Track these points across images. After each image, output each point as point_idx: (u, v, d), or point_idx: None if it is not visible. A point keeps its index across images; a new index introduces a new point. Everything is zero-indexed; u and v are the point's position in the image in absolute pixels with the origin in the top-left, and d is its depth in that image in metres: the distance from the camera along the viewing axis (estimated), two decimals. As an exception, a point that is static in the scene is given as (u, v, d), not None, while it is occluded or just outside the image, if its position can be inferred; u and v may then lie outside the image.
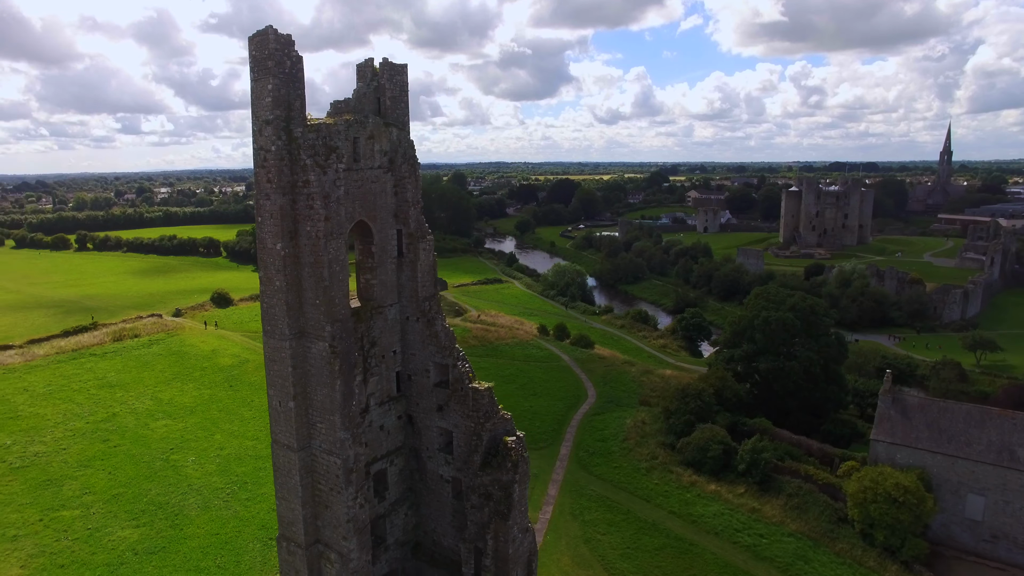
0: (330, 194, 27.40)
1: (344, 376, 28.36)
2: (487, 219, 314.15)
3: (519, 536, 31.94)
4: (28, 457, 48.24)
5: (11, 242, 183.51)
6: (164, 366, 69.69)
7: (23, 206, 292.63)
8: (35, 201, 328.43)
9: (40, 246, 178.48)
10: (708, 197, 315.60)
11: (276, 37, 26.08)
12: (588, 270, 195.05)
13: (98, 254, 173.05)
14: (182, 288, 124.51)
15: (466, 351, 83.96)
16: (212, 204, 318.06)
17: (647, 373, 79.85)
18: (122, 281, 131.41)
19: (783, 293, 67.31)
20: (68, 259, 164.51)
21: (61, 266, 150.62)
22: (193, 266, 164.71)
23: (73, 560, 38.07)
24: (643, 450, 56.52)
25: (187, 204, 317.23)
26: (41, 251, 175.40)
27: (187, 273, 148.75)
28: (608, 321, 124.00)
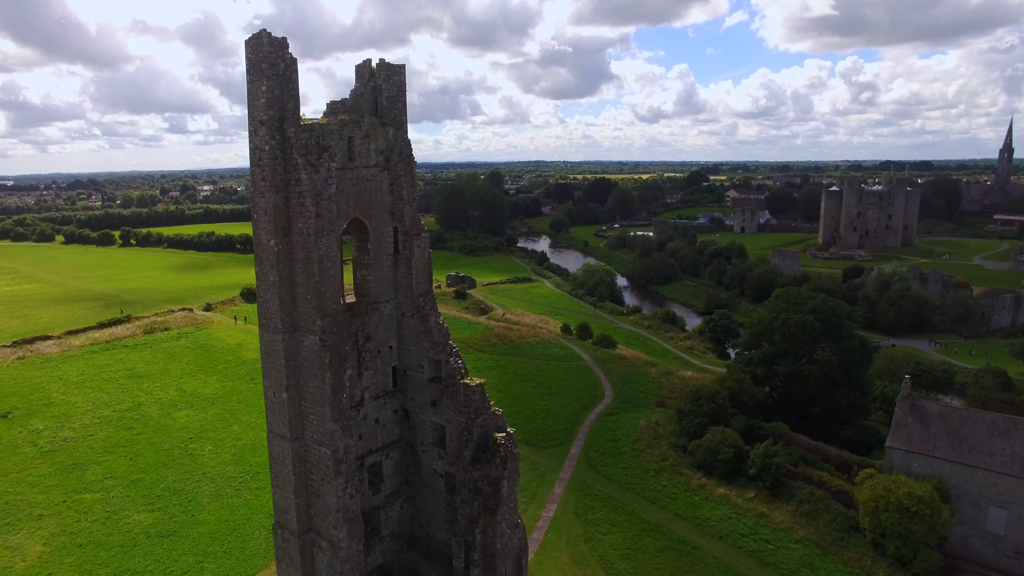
0: (322, 192, 28.39)
1: (334, 369, 29.35)
2: (522, 218, 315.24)
3: (508, 532, 32.43)
4: (57, 442, 50.97)
5: (61, 237, 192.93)
6: (190, 358, 72.51)
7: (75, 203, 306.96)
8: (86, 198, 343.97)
9: (87, 242, 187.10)
10: (747, 197, 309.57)
11: (270, 40, 27.18)
12: (620, 270, 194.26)
13: (140, 250, 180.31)
14: (217, 283, 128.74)
15: (487, 349, 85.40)
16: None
17: (667, 374, 79.30)
18: (160, 276, 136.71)
19: (804, 295, 66.02)
20: (112, 254, 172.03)
21: (104, 261, 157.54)
22: (229, 262, 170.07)
23: (90, 540, 40.23)
24: (654, 451, 56.31)
25: (228, 201, 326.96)
26: (88, 246, 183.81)
27: (223, 269, 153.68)
28: (635, 322, 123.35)
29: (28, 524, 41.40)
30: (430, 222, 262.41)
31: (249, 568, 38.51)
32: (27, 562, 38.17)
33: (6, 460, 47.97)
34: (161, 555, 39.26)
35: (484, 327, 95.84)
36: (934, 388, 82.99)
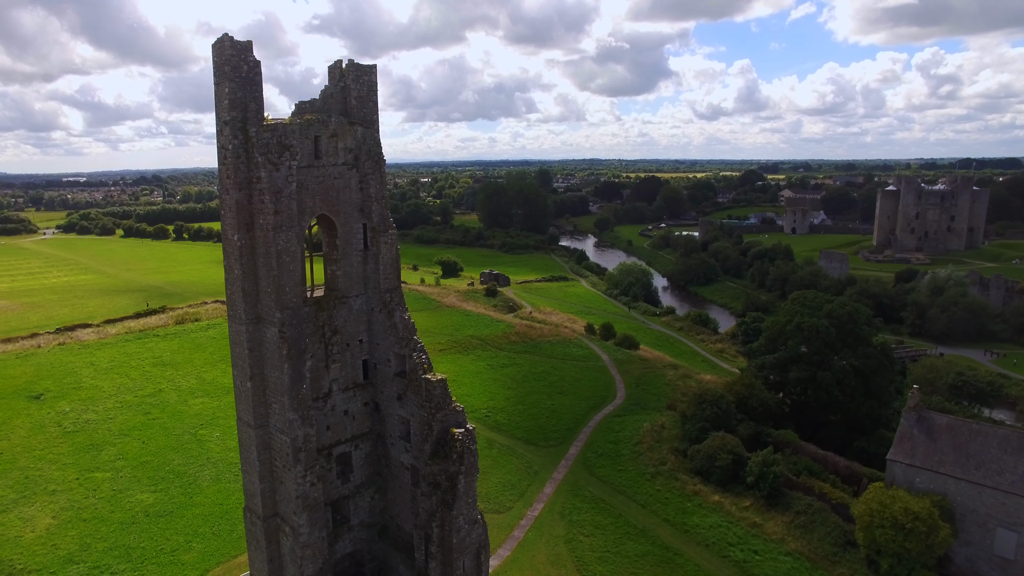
0: (282, 190, 29.64)
1: (292, 361, 30.61)
2: (568, 216, 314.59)
3: (465, 527, 33.02)
4: (80, 423, 54.60)
5: (120, 231, 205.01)
6: (214, 348, 76.08)
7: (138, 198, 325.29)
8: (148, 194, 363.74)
9: (143, 235, 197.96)
10: (802, 197, 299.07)
11: (232, 44, 28.58)
12: (662, 270, 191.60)
13: (191, 243, 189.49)
14: None
15: (505, 347, 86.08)
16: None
17: (686, 377, 78.07)
18: (205, 269, 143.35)
19: (821, 299, 63.81)
20: (164, 248, 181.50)
21: (157, 254, 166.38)
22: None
23: (95, 516, 43.10)
24: (654, 455, 55.73)
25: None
26: (144, 240, 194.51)
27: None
28: (667, 323, 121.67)
29: (42, 498, 44.65)
30: (473, 220, 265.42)
31: (233, 550, 40.43)
32: (35, 533, 41.25)
33: (32, 438, 51.76)
34: (155, 533, 41.69)
35: (506, 325, 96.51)
36: (978, 400, 78.75)
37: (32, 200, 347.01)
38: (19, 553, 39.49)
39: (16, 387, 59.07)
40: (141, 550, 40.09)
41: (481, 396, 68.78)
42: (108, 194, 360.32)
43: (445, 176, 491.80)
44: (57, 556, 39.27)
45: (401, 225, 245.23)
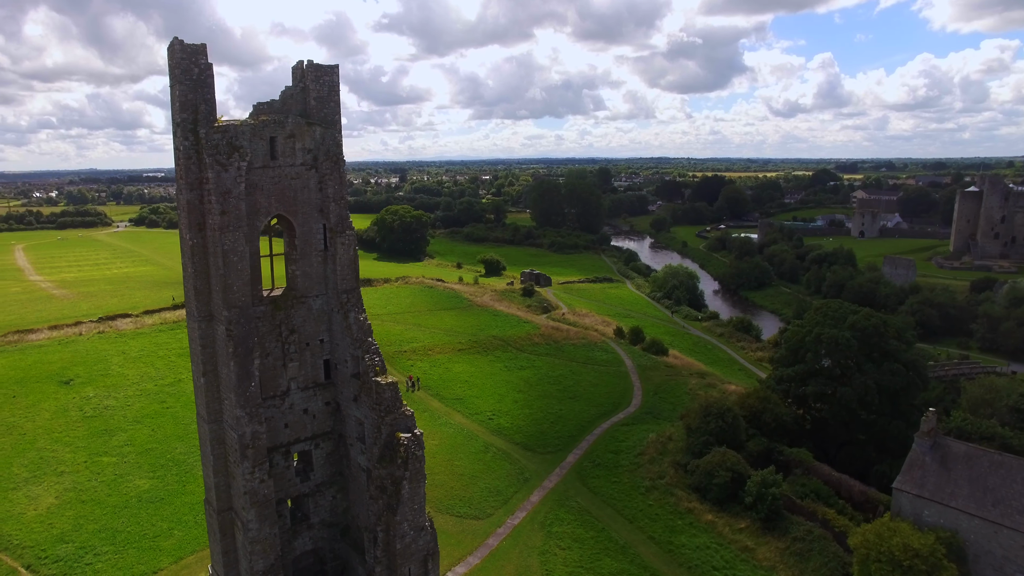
0: (230, 190, 30.21)
1: (239, 359, 31.17)
2: (625, 216, 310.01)
3: (410, 533, 32.79)
4: (100, 409, 57.83)
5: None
6: (240, 340, 79.01)
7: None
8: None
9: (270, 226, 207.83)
10: (875, 198, 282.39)
11: (182, 48, 29.33)
12: (714, 273, 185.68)
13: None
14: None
15: (526, 348, 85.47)
16: (365, 194, 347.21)
17: (710, 387, 75.12)
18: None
19: (845, 309, 59.84)
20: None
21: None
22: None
23: (93, 498, 45.53)
24: (653, 468, 53.86)
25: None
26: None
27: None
28: (708, 328, 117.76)
29: (51, 478, 47.55)
30: (525, 218, 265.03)
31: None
32: (37, 511, 43.98)
33: (54, 421, 55.23)
34: (143, 518, 43.61)
35: (532, 326, 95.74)
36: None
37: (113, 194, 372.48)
38: (18, 529, 42.18)
39: (51, 372, 63.18)
40: (127, 533, 42.03)
41: (489, 398, 68.44)
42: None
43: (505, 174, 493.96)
44: (51, 535, 41.69)
45: (453, 223, 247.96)
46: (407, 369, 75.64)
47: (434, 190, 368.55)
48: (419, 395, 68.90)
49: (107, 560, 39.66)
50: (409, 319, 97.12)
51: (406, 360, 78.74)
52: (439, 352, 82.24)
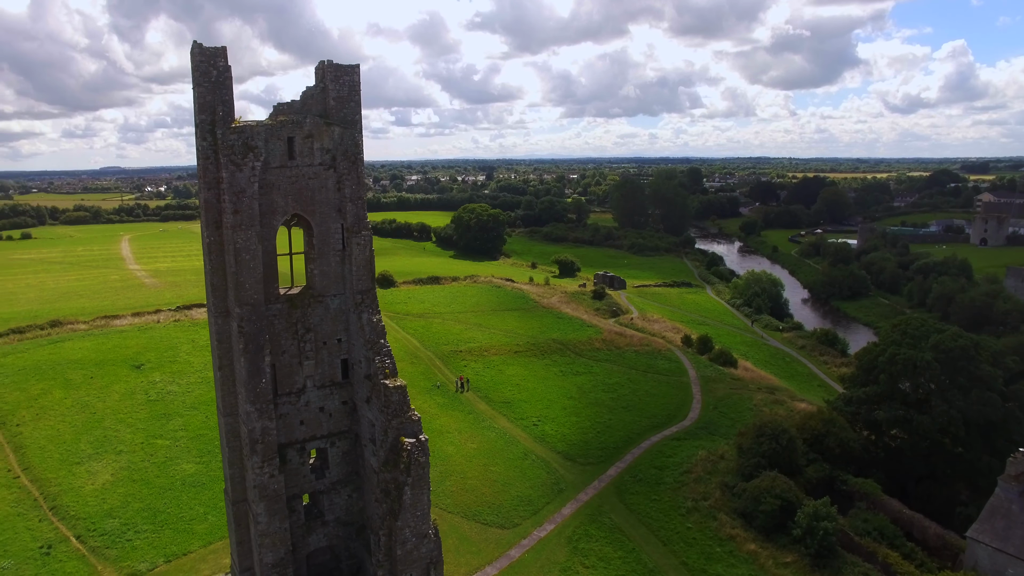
0: (244, 190, 30.95)
1: (249, 355, 31.88)
2: (714, 218, 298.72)
3: (412, 540, 32.40)
4: (163, 393, 61.70)
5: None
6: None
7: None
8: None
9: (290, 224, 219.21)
10: (1007, 201, 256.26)
11: (201, 51, 30.32)
12: (805, 280, 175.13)
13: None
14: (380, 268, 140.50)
15: (585, 353, 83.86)
16: (451, 192, 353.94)
17: (777, 403, 70.50)
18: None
19: (929, 326, 54.06)
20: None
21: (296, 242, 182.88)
22: (402, 249, 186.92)
23: (142, 478, 48.52)
24: (699, 487, 50.93)
25: (431, 191, 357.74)
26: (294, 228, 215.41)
27: (393, 256, 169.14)
28: (789, 339, 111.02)
29: (110, 456, 51.15)
30: (608, 219, 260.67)
31: (242, 527, 43.23)
32: (94, 486, 47.40)
33: (121, 402, 59.45)
34: (183, 501, 45.96)
35: (595, 330, 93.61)
36: None
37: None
38: (76, 501, 45.59)
39: (126, 356, 68.16)
40: (166, 514, 44.43)
41: (537, 403, 67.33)
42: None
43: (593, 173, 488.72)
44: (101, 509, 44.76)
45: (533, 222, 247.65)
46: (460, 369, 75.85)
47: (519, 188, 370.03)
48: (467, 396, 68.86)
49: (145, 538, 42.05)
50: (471, 319, 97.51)
51: (460, 360, 78.98)
52: (495, 353, 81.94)
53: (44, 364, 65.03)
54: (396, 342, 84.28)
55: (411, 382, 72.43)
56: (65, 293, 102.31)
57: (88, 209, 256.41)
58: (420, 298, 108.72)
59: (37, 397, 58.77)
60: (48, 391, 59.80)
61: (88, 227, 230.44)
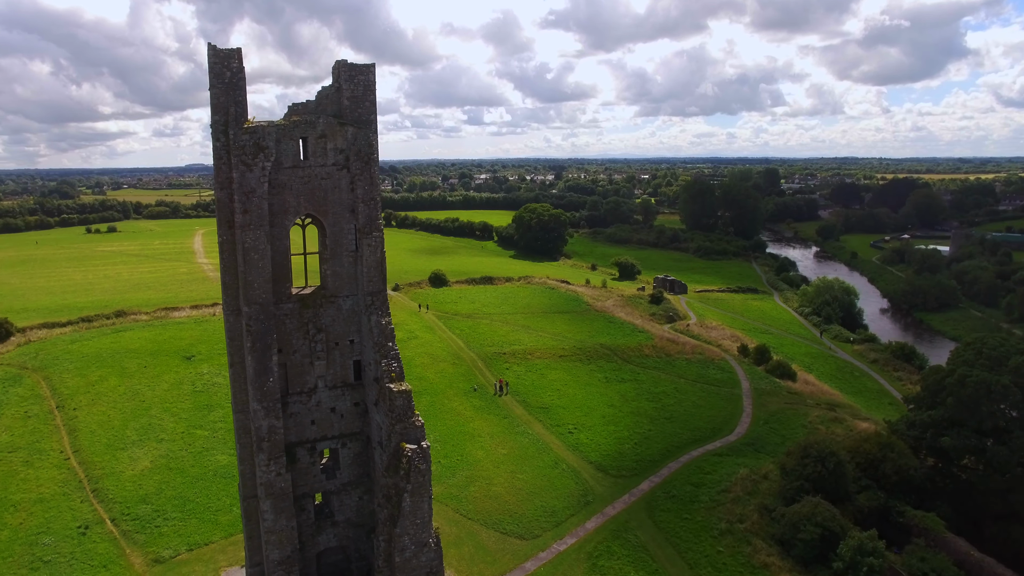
0: (254, 190, 31.39)
1: (256, 354, 32.31)
2: (790, 221, 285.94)
3: (411, 547, 32.02)
4: (208, 385, 64.21)
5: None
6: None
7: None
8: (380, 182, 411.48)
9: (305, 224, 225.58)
10: None
11: (215, 52, 30.92)
12: (886, 289, 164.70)
13: (396, 231, 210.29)
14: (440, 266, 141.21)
15: (633, 359, 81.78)
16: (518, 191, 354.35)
17: (836, 421, 66.29)
18: (396, 256, 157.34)
19: (1010, 346, 49.02)
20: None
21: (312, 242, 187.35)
22: (463, 248, 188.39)
23: (178, 467, 50.54)
24: (736, 508, 48.26)
25: (498, 190, 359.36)
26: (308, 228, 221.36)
27: (452, 255, 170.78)
28: (860, 352, 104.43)
29: (152, 444, 53.61)
30: (675, 220, 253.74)
31: (264, 521, 44.20)
32: (134, 471, 49.75)
33: (169, 392, 62.30)
34: (212, 492, 47.49)
35: (646, 336, 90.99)
36: None
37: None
38: (115, 485, 47.98)
39: (179, 347, 71.46)
40: (195, 504, 46.01)
41: (576, 410, 65.87)
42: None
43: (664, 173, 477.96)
44: (137, 495, 46.87)
45: (598, 223, 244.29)
46: (501, 372, 75.33)
47: (587, 188, 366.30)
48: (505, 400, 68.23)
49: (172, 526, 43.67)
50: (519, 320, 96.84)
51: (503, 363, 78.44)
52: (539, 357, 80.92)
53: (105, 352, 69.05)
54: (441, 342, 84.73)
55: (450, 383, 72.81)
56: (136, 284, 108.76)
57: (168, 204, 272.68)
58: (471, 298, 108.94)
59: (95, 383, 62.40)
60: (105, 378, 63.40)
61: (167, 221, 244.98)
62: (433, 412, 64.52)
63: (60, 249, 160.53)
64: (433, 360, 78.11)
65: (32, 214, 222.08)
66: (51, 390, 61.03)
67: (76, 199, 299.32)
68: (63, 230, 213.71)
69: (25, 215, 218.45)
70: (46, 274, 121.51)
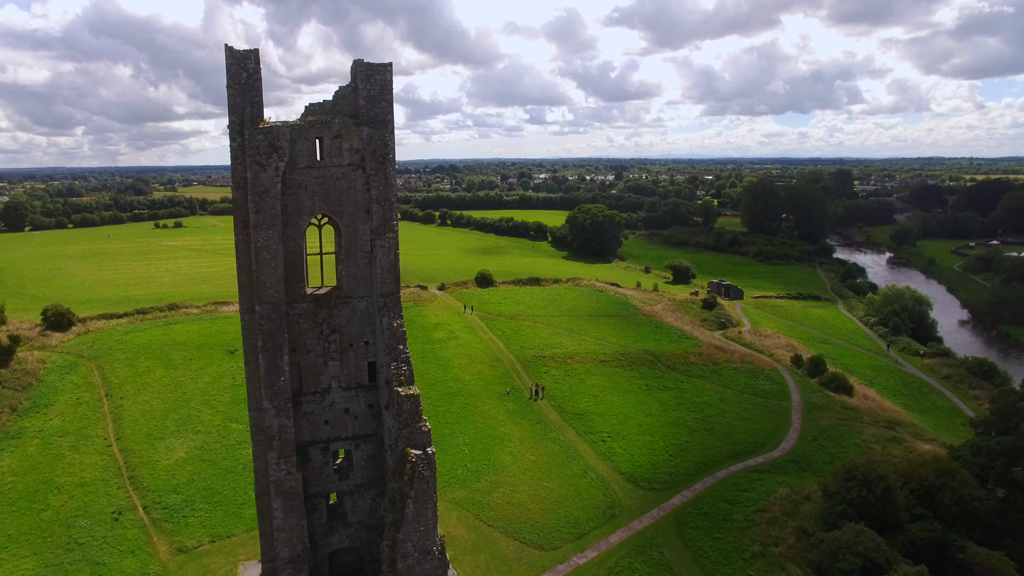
0: (268, 190, 31.81)
1: (268, 353, 32.75)
2: (862, 225, 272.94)
3: (414, 555, 31.74)
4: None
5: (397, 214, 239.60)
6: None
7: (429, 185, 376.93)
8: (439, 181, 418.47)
9: (414, 219, 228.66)
10: None
11: (232, 54, 31.46)
12: (967, 299, 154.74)
13: (451, 229, 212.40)
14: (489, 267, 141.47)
15: (678, 367, 79.74)
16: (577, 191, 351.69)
17: (893, 441, 62.38)
18: (445, 256, 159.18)
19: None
20: (425, 232, 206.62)
21: (416, 237, 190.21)
22: (516, 248, 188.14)
23: (210, 459, 52.17)
24: (771, 530, 45.92)
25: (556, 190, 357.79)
26: (413, 223, 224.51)
27: (504, 255, 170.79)
28: (931, 367, 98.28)
29: (188, 435, 55.56)
30: (736, 223, 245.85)
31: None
32: (169, 461, 51.65)
33: (210, 385, 64.43)
34: (240, 485, 48.67)
35: (693, 343, 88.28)
36: None
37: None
38: (150, 474, 49.91)
39: (224, 341, 73.90)
40: (222, 496, 47.31)
41: (612, 418, 64.36)
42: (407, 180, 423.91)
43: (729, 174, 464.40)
44: (169, 484, 48.59)
45: (655, 224, 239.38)
46: (539, 375, 74.52)
47: (647, 189, 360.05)
48: (540, 404, 67.40)
49: (198, 517, 45.01)
50: (563, 323, 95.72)
51: (542, 366, 77.60)
52: (579, 361, 79.65)
53: (155, 344, 72.17)
54: (481, 343, 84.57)
55: (486, 385, 72.48)
56: (194, 279, 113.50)
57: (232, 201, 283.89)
58: (516, 299, 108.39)
59: (142, 374, 65.26)
60: (152, 369, 66.22)
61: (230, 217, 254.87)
62: (465, 414, 64.41)
63: (128, 243, 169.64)
64: (471, 361, 78.02)
65: (107, 209, 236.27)
66: (102, 379, 64.19)
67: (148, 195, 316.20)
68: (134, 225, 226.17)
69: (101, 210, 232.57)
70: (112, 267, 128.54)
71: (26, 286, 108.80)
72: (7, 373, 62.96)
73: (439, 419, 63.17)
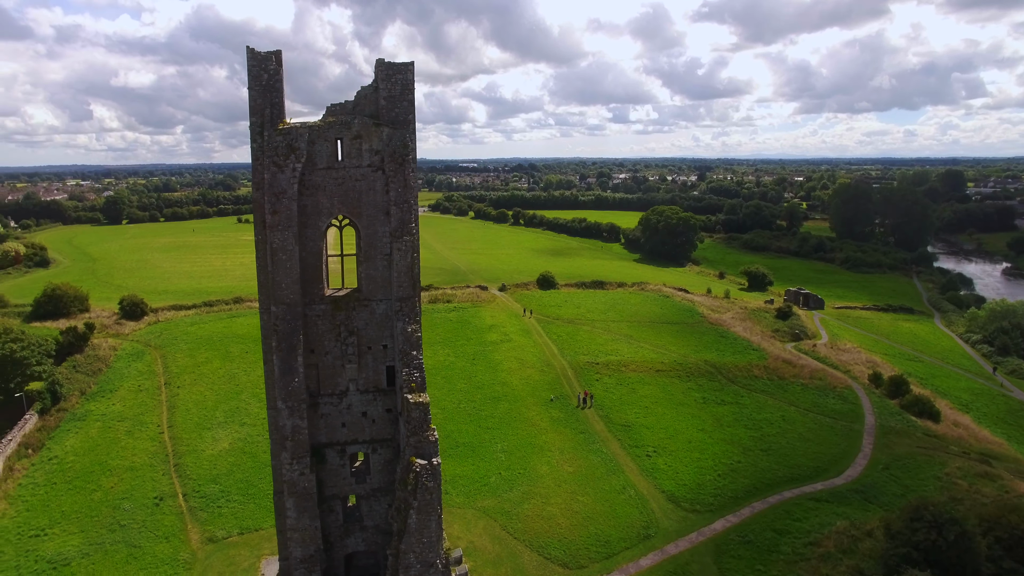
0: (285, 191, 32.09)
1: (282, 354, 33.07)
2: (973, 231, 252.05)
3: (416, 567, 31.25)
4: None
5: (472, 213, 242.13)
6: (442, 330, 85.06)
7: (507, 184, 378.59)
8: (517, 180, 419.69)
9: (487, 218, 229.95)
10: None
11: (253, 55, 31.94)
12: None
13: (523, 228, 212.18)
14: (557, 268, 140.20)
15: (739, 380, 76.40)
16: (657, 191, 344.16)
17: (984, 477, 56.73)
18: (515, 256, 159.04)
19: None
20: (498, 231, 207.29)
21: (488, 236, 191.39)
22: (587, 249, 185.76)
23: (252, 451, 53.86)
24: (823, 567, 42.53)
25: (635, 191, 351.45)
26: (486, 222, 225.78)
27: (574, 256, 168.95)
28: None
29: (235, 427, 57.77)
30: (823, 227, 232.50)
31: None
32: (213, 451, 53.78)
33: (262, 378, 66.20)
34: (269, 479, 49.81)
35: (759, 355, 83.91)
36: None
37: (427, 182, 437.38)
38: (194, 462, 52.10)
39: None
40: (256, 489, 48.74)
41: (660, 431, 61.87)
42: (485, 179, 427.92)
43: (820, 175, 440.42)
44: (210, 474, 50.53)
45: (736, 228, 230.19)
46: (590, 383, 72.81)
47: (730, 190, 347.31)
48: (586, 413, 65.77)
49: (231, 508, 46.48)
50: (623, 329, 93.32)
51: (594, 373, 75.81)
52: (633, 370, 77.25)
53: (216, 336, 75.61)
54: (535, 347, 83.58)
55: (533, 391, 71.44)
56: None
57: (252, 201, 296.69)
58: (577, 302, 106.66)
59: (200, 364, 68.45)
60: (209, 360, 69.34)
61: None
62: (508, 420, 63.65)
63: (211, 237, 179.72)
64: (521, 365, 77.22)
65: (195, 204, 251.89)
66: (164, 367, 67.82)
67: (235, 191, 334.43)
68: (219, 219, 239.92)
69: (189, 205, 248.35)
70: (192, 259, 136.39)
71: (114, 276, 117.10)
72: (81, 359, 67.62)
73: (480, 424, 62.82)
